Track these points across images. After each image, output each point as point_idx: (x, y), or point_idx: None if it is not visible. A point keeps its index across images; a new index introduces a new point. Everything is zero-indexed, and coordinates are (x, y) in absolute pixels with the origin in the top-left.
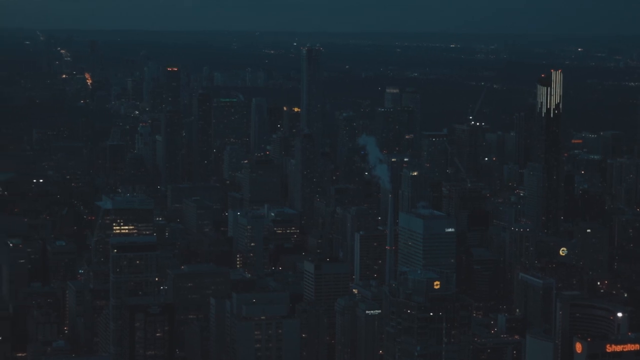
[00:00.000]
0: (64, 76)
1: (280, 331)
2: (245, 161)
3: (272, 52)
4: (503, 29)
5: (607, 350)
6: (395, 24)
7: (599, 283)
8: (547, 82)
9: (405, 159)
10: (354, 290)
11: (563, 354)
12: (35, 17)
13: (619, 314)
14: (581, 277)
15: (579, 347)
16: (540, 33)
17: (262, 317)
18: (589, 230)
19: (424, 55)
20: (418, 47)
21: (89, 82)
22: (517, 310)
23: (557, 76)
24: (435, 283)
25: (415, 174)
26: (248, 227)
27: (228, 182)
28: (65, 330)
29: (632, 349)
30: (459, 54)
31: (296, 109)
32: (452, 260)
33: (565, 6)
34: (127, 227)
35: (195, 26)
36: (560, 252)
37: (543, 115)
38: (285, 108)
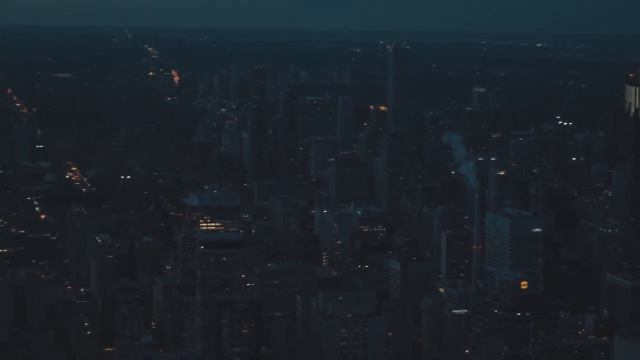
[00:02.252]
0: (150, 73)
1: (366, 329)
2: (332, 159)
3: (359, 50)
4: (592, 28)
5: None
6: (484, 23)
7: None
8: (636, 82)
9: (492, 159)
10: (440, 289)
11: None
12: (122, 15)
13: None
14: None
15: None
16: (628, 33)
17: (348, 315)
18: None
19: (511, 54)
20: (504, 46)
21: (176, 79)
22: (605, 311)
23: None
24: (522, 283)
25: (502, 173)
26: (334, 225)
27: (314, 179)
28: (153, 325)
29: None
30: (546, 53)
31: (382, 108)
32: (539, 261)
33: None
34: (213, 224)
35: (282, 24)
36: None
37: (632, 115)
38: (371, 106)
